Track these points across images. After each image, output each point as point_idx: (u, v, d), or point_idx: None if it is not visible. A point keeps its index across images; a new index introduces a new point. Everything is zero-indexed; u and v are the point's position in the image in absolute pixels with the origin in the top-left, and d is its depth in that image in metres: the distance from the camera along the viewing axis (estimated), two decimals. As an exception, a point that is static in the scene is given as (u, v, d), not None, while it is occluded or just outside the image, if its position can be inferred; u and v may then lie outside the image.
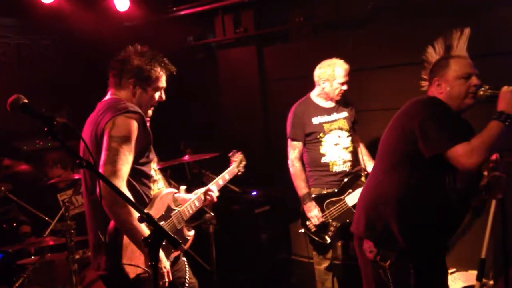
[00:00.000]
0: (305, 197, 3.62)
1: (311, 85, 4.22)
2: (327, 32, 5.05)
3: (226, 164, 5.04)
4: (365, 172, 3.69)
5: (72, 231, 3.36)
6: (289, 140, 3.73)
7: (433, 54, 2.48)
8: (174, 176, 4.35)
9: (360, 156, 3.84)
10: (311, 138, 3.66)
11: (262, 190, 4.90)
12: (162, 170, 4.31)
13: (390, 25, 4.36)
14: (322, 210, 3.62)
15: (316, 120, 3.65)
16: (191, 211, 2.68)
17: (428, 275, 2.37)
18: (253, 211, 4.77)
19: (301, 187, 3.64)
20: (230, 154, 3.39)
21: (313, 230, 3.66)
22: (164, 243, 1.81)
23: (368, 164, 3.79)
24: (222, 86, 5.85)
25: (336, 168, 3.66)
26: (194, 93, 5.92)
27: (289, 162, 3.71)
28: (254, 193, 4.87)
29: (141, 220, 1.79)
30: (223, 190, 4.54)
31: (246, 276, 4.63)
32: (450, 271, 4.18)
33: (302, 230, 3.74)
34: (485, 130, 2.18)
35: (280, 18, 5.32)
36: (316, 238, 3.67)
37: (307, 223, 3.67)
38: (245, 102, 5.62)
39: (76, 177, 3.83)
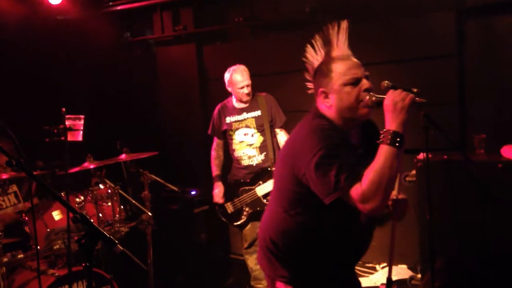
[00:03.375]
0: (213, 178, 4.21)
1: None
2: (266, 33, 5.11)
3: (165, 163, 4.98)
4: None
5: (0, 233, 3.19)
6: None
7: (313, 53, 2.14)
8: (110, 176, 4.23)
9: (271, 151, 4.09)
10: (226, 135, 4.16)
11: (201, 190, 4.89)
12: (97, 170, 4.19)
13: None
14: (237, 196, 4.07)
15: (228, 119, 4.12)
16: None
17: None
18: (192, 210, 4.75)
19: (212, 171, 4.24)
20: None
21: (229, 212, 4.10)
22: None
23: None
24: (161, 84, 5.76)
25: (244, 163, 4.09)
26: (131, 90, 5.79)
27: None
28: (193, 193, 4.84)
29: (74, 220, 1.73)
30: (161, 189, 4.51)
31: (184, 276, 4.60)
32: (380, 265, 4.37)
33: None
34: (374, 163, 1.79)
35: (219, 17, 5.32)
36: (224, 220, 4.15)
37: (225, 205, 4.12)
38: (184, 101, 5.57)
39: (4, 177, 3.64)
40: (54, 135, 3.29)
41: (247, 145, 4.07)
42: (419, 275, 3.94)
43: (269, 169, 4.02)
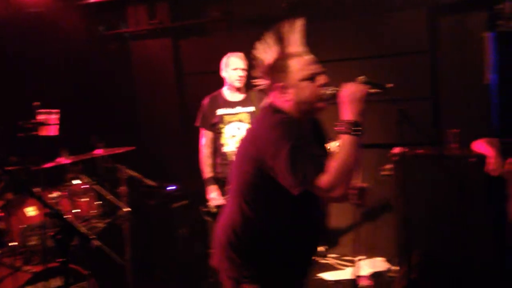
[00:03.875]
0: (206, 180, 3.96)
1: (227, 79, 4.25)
2: (243, 27, 5.10)
3: (141, 158, 4.93)
4: None
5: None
6: (200, 129, 4.03)
7: (264, 50, 2.16)
8: (86, 171, 4.18)
9: None
10: (215, 129, 3.93)
11: (180, 185, 4.86)
12: (73, 165, 4.14)
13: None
14: (224, 194, 3.88)
15: (219, 112, 3.91)
16: None
17: None
18: (170, 206, 4.72)
19: (205, 172, 3.97)
20: None
21: (214, 212, 3.91)
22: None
23: None
24: (136, 79, 5.70)
25: (234, 158, 3.89)
26: (107, 85, 5.71)
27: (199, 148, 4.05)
28: (171, 188, 4.82)
29: (49, 215, 1.71)
30: (138, 184, 4.47)
31: (163, 272, 4.58)
32: (357, 258, 4.43)
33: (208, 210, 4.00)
34: (338, 152, 1.86)
35: (196, 11, 5.29)
36: (210, 219, 3.96)
37: (208, 204, 3.96)
38: (161, 95, 5.53)
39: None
40: (27, 130, 3.23)
41: (240, 140, 3.95)
42: (396, 268, 4.01)
43: None
